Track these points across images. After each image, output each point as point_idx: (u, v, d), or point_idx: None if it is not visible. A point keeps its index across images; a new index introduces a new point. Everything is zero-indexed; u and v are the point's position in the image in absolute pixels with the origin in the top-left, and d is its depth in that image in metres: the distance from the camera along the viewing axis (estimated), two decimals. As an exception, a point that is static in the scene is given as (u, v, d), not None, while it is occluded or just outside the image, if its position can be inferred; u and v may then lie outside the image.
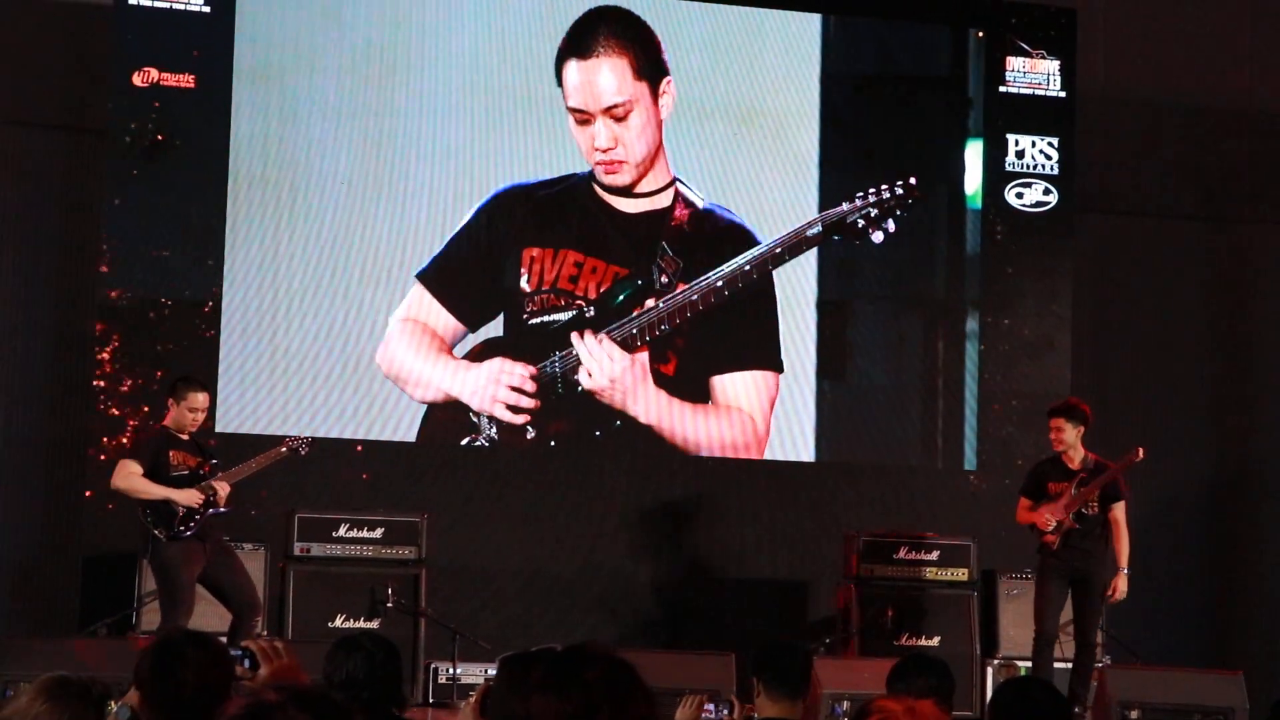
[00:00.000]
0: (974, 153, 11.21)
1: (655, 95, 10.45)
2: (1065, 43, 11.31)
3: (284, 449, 8.87)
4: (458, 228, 10.30)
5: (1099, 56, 11.77)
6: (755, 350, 10.53)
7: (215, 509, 8.50)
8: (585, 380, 10.14)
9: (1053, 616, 9.11)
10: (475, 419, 10.23)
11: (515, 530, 10.51)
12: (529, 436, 10.33)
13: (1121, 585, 9.11)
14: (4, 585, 10.21)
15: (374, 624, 9.10)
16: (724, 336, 10.47)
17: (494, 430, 10.26)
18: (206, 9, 10.16)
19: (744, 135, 10.76)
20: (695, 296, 10.16)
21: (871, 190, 10.13)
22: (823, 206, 10.67)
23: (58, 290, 10.44)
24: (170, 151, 10.10)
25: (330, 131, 10.36)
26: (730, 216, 10.56)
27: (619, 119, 10.25)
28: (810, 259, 10.80)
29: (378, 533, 9.42)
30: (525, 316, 10.26)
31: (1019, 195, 11.21)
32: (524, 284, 10.25)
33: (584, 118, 10.31)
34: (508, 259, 10.29)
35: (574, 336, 10.13)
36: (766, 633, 10.18)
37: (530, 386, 10.13)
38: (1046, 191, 11.24)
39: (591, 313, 10.25)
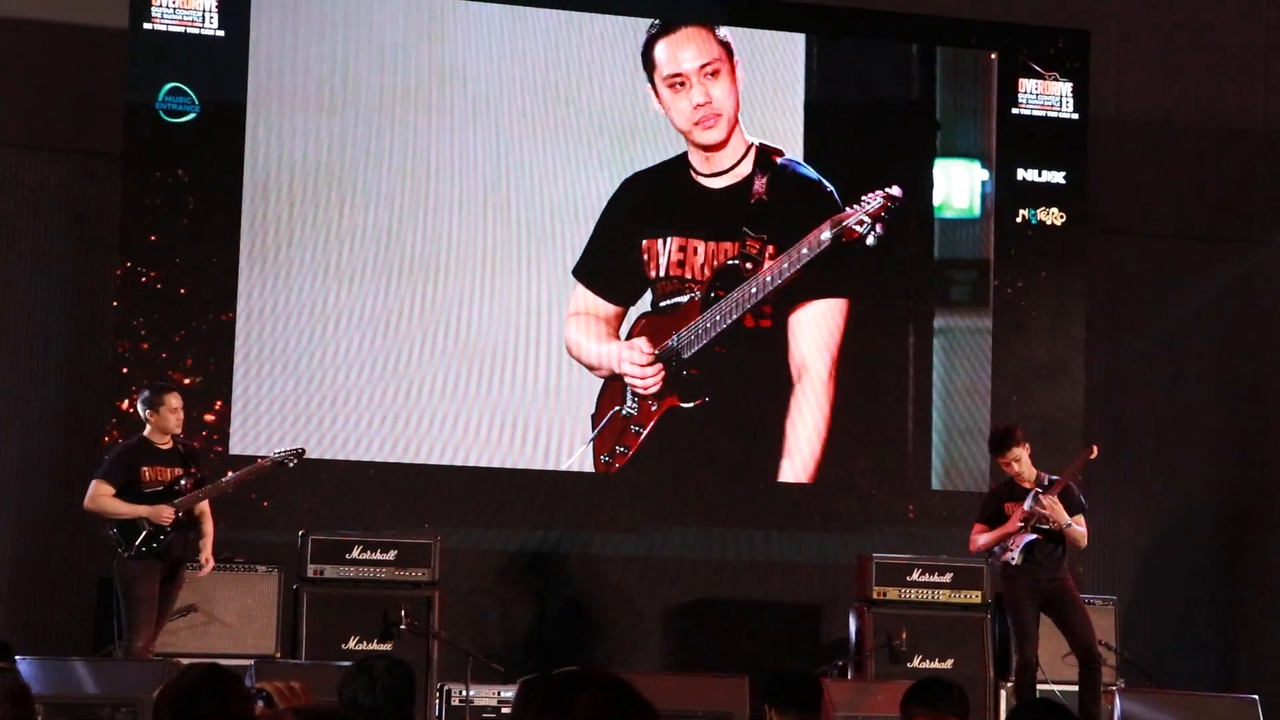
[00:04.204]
0: (982, 175, 11.22)
1: (732, 64, 10.90)
2: (1078, 65, 11.33)
3: (268, 462, 8.93)
4: (595, 221, 10.75)
5: (1112, 78, 11.78)
6: (825, 281, 10.90)
7: (188, 526, 8.57)
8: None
9: (1031, 643, 9.11)
10: (627, 395, 10.74)
11: (528, 552, 10.53)
12: (617, 465, 10.66)
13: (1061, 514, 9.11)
14: (19, 606, 10.24)
15: (387, 646, 9.11)
16: (797, 279, 10.81)
17: (635, 406, 10.68)
18: (220, 33, 10.20)
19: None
20: (737, 313, 10.79)
21: (868, 197, 10.76)
22: (818, 222, 10.86)
23: (73, 313, 10.47)
24: (184, 175, 10.14)
25: (346, 154, 10.40)
26: (803, 172, 10.97)
27: (713, 74, 10.84)
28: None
29: (391, 555, 9.42)
30: (656, 300, 10.80)
31: (1032, 217, 11.22)
32: (650, 274, 10.79)
33: (680, 80, 10.81)
34: (631, 250, 10.78)
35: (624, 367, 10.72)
36: (779, 655, 10.23)
37: (645, 360, 10.71)
38: (1060, 213, 11.25)
39: (697, 296, 10.80)
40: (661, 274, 10.78)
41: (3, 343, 10.41)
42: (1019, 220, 11.22)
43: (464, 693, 9.20)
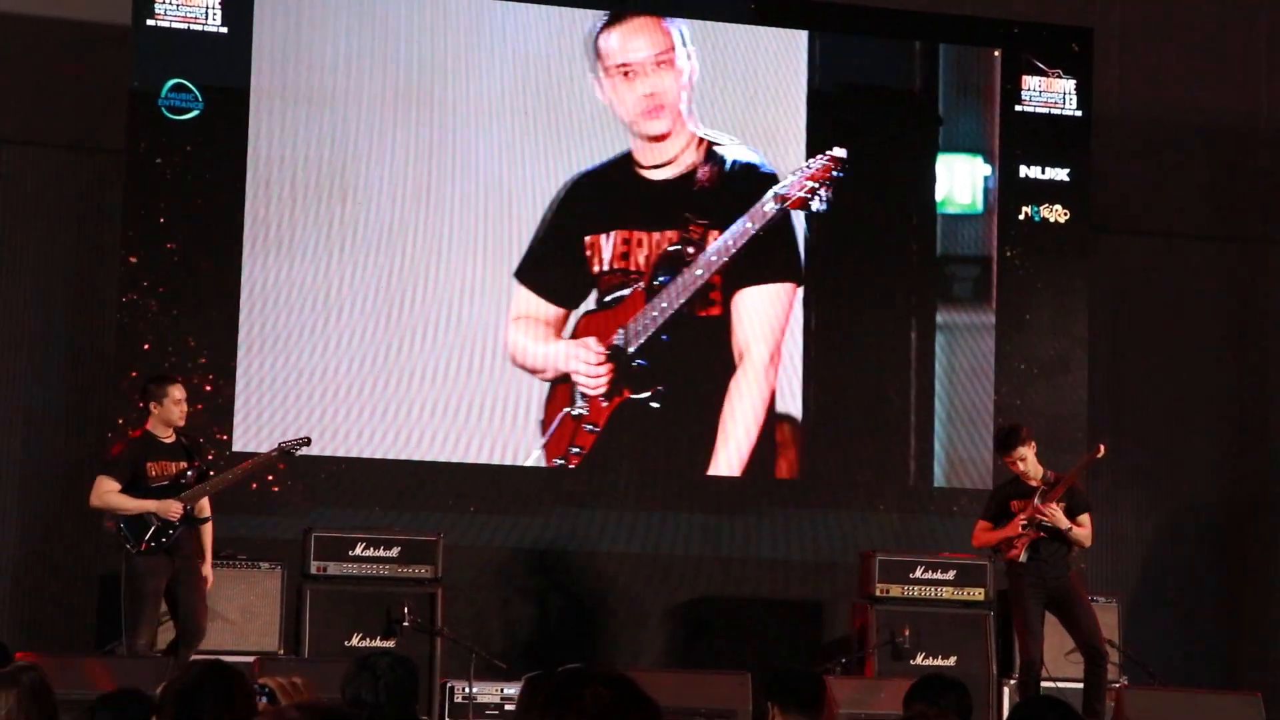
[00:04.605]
0: (984, 171, 11.22)
1: (682, 54, 10.89)
2: (1081, 62, 11.32)
3: (275, 453, 8.92)
4: (538, 222, 10.65)
5: (1115, 75, 11.78)
6: (773, 264, 10.88)
7: (197, 519, 8.55)
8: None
9: (1036, 642, 9.10)
10: (575, 396, 10.63)
11: (531, 549, 10.54)
12: (571, 465, 10.57)
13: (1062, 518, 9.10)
14: (21, 602, 10.24)
15: (390, 643, 9.12)
16: (749, 257, 10.80)
17: (585, 405, 10.58)
18: (224, 29, 10.21)
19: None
20: (684, 296, 10.73)
21: (810, 161, 10.79)
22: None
23: (75, 309, 10.48)
24: (187, 171, 10.15)
25: (348, 150, 10.40)
26: (748, 160, 10.93)
27: (663, 63, 10.86)
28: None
29: (394, 551, 9.43)
30: (601, 296, 10.71)
31: (1035, 214, 11.21)
32: (594, 269, 10.70)
33: (630, 70, 10.81)
34: (574, 249, 10.70)
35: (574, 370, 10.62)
36: (782, 653, 10.23)
37: (597, 359, 10.63)
38: (1063, 210, 11.24)
39: (642, 286, 10.71)
40: (605, 269, 10.72)
41: (5, 339, 10.41)
42: (1022, 217, 11.21)
43: (467, 690, 9.20)
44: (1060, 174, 11.27)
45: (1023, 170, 11.23)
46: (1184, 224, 11.94)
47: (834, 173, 10.80)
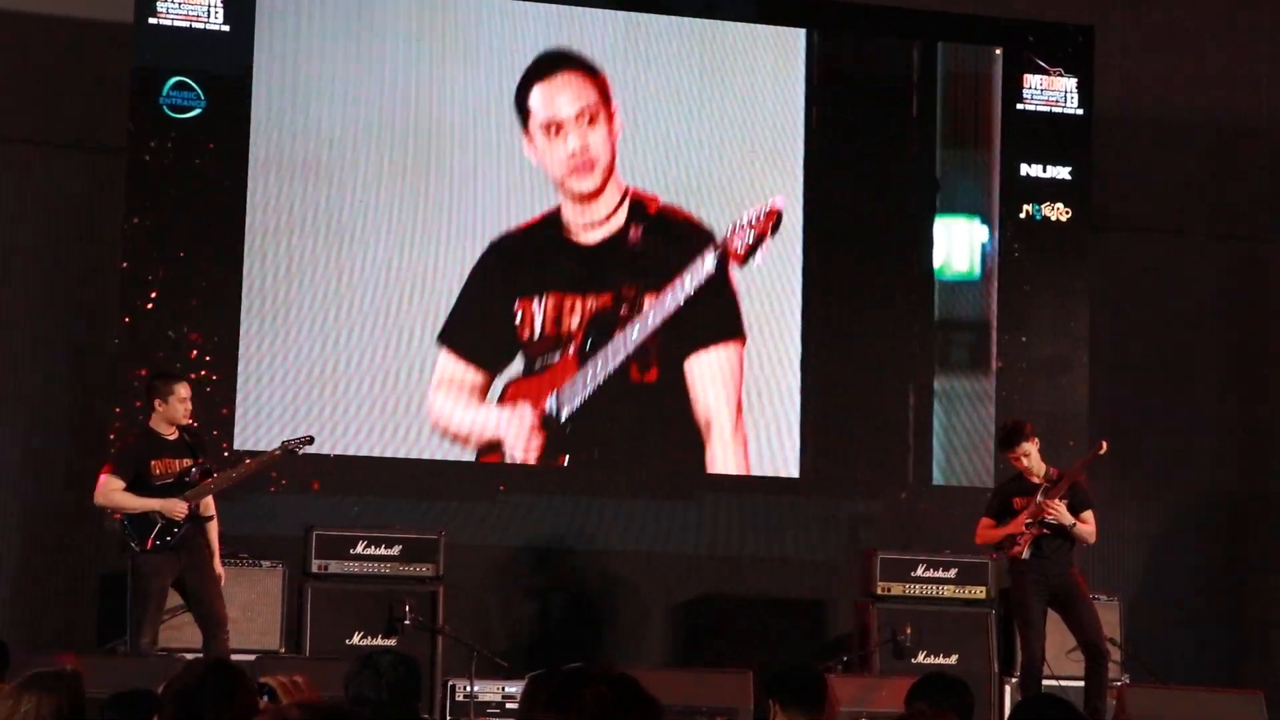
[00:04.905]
0: (982, 236, 11.17)
1: (610, 115, 10.70)
2: (1083, 60, 11.32)
3: (279, 451, 8.90)
4: (462, 284, 10.46)
5: (1116, 74, 11.77)
6: (716, 326, 10.74)
7: (202, 517, 8.54)
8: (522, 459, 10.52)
9: (1038, 640, 9.09)
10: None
11: (532, 548, 10.54)
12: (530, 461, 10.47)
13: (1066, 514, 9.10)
14: (24, 601, 10.25)
15: (392, 641, 9.12)
16: (688, 322, 10.65)
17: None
18: (225, 28, 10.21)
19: (731, 156, 10.86)
20: (629, 353, 10.55)
21: (746, 219, 10.65)
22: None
23: (78, 308, 10.48)
24: (189, 169, 10.15)
25: (348, 152, 10.40)
26: (682, 218, 10.75)
27: (592, 119, 10.65)
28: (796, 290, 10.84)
29: (395, 550, 9.44)
30: (531, 361, 10.49)
31: (1036, 213, 11.21)
32: (525, 335, 10.49)
33: (556, 126, 10.59)
34: (505, 311, 10.49)
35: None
36: (783, 651, 10.23)
37: (532, 422, 10.43)
38: (1065, 209, 11.24)
39: (571, 352, 10.47)
40: (535, 335, 10.49)
41: (8, 337, 10.41)
42: (1023, 215, 11.20)
43: (468, 688, 9.20)
44: (1061, 172, 11.27)
45: (1024, 168, 11.22)
46: (1184, 223, 11.94)
47: (774, 225, 10.66)
